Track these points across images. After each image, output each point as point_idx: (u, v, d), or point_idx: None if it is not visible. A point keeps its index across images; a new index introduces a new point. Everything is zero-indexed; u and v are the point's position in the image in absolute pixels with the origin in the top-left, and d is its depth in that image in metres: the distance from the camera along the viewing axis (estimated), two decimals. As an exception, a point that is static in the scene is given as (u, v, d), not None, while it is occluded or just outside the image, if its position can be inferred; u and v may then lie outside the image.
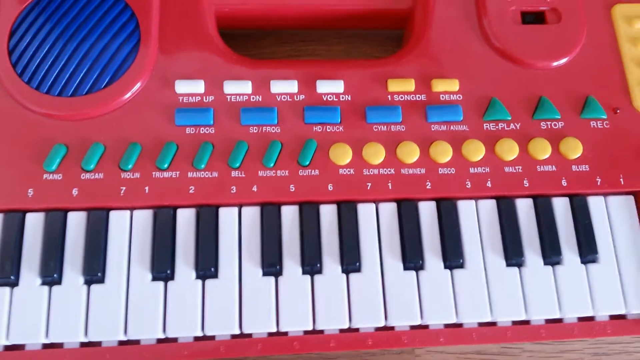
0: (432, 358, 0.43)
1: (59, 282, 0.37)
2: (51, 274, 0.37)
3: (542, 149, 0.42)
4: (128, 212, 0.39)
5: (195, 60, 0.43)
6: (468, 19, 0.46)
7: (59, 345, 0.37)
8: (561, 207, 0.41)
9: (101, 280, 0.38)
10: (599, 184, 0.42)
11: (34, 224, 0.38)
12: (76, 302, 0.37)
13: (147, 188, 0.39)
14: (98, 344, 0.37)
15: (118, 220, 0.39)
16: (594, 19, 0.46)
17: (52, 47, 0.42)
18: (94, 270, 0.37)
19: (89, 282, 0.38)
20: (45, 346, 0.37)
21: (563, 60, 0.45)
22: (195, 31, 0.44)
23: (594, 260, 0.40)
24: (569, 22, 0.46)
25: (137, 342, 0.37)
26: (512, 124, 0.43)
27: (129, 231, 0.39)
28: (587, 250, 0.40)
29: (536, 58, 0.44)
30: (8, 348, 0.37)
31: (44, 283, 0.37)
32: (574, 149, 0.42)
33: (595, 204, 0.42)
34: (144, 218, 0.39)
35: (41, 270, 0.37)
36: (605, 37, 0.46)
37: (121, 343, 0.37)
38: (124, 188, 0.39)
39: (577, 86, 0.44)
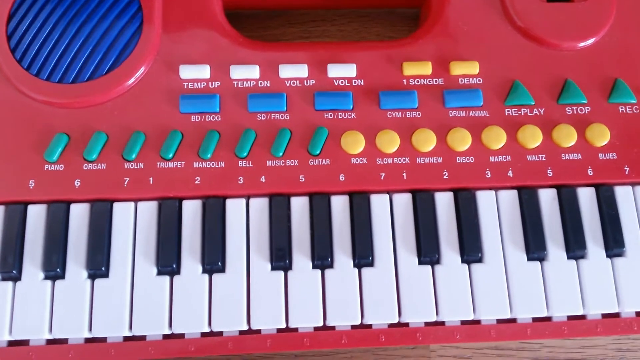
0: (447, 352, 0.42)
1: (62, 276, 0.37)
2: (54, 268, 0.36)
3: (567, 136, 0.40)
4: (132, 203, 0.38)
5: (201, 43, 0.41)
6: (489, -3, 0.44)
7: (64, 341, 0.36)
8: (586, 198, 0.40)
9: (105, 275, 0.37)
10: (627, 173, 0.40)
11: (36, 216, 0.37)
12: (80, 297, 0.36)
13: (151, 179, 0.38)
14: (103, 339, 0.37)
15: (122, 212, 0.38)
16: (624, -4, 0.44)
17: (52, 30, 0.40)
18: (98, 264, 0.36)
19: (92, 277, 0.37)
20: (50, 342, 0.36)
21: (590, 41, 0.42)
22: (201, 12, 0.42)
23: (620, 254, 0.39)
24: (596, 0, 0.43)
25: (142, 337, 0.37)
26: (535, 109, 0.41)
27: (133, 224, 0.38)
28: (613, 243, 0.39)
29: (561, 38, 0.42)
30: (12, 344, 0.36)
31: (46, 277, 0.37)
32: (600, 135, 0.40)
33: (623, 194, 0.40)
34: (148, 210, 0.38)
35: (44, 265, 0.36)
36: (635, 16, 0.44)
37: (126, 339, 0.37)
38: (128, 179, 0.38)
39: (604, 68, 0.42)
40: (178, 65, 0.41)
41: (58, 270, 0.36)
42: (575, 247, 0.38)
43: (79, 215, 0.38)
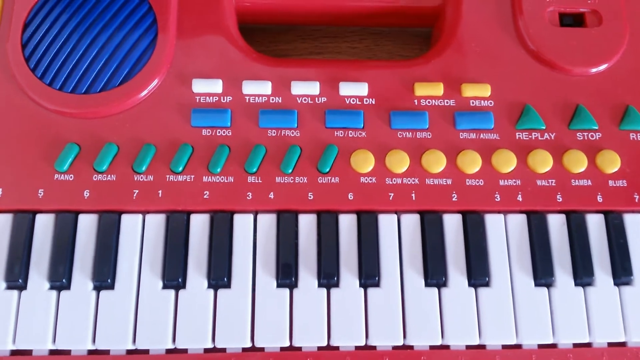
0: (450, 375, 0.41)
1: (67, 287, 0.36)
2: (60, 279, 0.36)
3: (577, 162, 0.40)
4: (140, 216, 0.38)
5: (214, 57, 0.41)
6: (502, 20, 0.44)
7: (66, 352, 0.36)
8: (595, 225, 0.39)
9: (111, 287, 0.37)
10: (637, 200, 0.40)
11: (44, 225, 0.37)
12: (84, 308, 0.36)
13: (160, 192, 0.38)
14: (106, 352, 0.36)
15: (130, 225, 0.38)
16: (637, 23, 0.44)
17: (66, 41, 0.40)
18: (104, 275, 0.36)
19: (98, 288, 0.37)
20: (52, 352, 0.36)
21: (603, 67, 0.42)
22: (215, 26, 0.42)
23: (628, 283, 0.38)
24: (610, 26, 0.43)
25: (145, 351, 0.36)
26: (546, 134, 0.41)
27: (140, 236, 0.38)
28: (621, 271, 0.38)
29: (574, 63, 0.42)
30: (14, 353, 0.36)
31: (52, 287, 0.36)
32: (611, 162, 0.40)
33: (632, 222, 0.39)
34: (156, 223, 0.38)
35: (50, 275, 0.36)
36: (649, 42, 0.43)
37: (129, 352, 0.36)
38: (137, 191, 0.38)
39: (616, 94, 0.42)
40: (191, 79, 0.40)
41: (64, 280, 0.36)
42: (583, 274, 0.38)
43: (87, 226, 0.37)
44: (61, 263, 0.36)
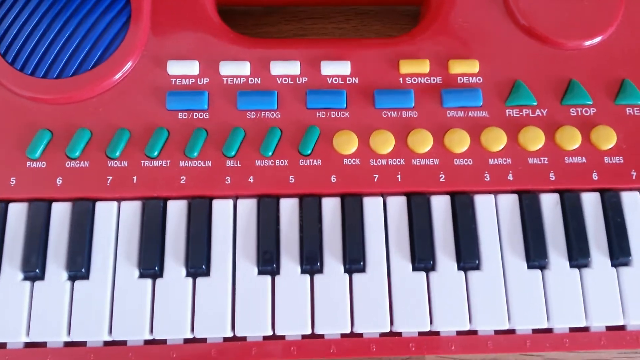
0: (443, 363, 0.40)
1: (41, 277, 0.35)
2: (33, 269, 0.35)
3: (570, 138, 0.38)
4: (115, 203, 0.37)
5: (190, 38, 0.40)
6: (491, -7, 0.42)
7: (42, 345, 0.35)
8: (591, 204, 0.38)
9: (85, 277, 0.36)
10: (634, 178, 0.38)
11: (16, 214, 0.36)
12: (59, 299, 0.35)
13: (135, 178, 0.37)
14: (83, 344, 0.35)
15: (104, 212, 0.37)
16: (633, -7, 0.42)
17: (37, 24, 0.39)
18: (78, 265, 0.35)
19: (72, 278, 0.36)
20: (28, 345, 0.35)
21: (597, 39, 0.41)
22: (191, 7, 0.41)
23: (626, 263, 0.37)
24: (604, -3, 0.41)
25: (123, 342, 0.35)
26: (537, 110, 0.39)
27: (115, 224, 0.37)
28: (619, 251, 0.37)
29: (567, 37, 0.41)
30: (-12, 347, 0.35)
31: (25, 278, 0.36)
32: (606, 138, 0.39)
33: (629, 200, 0.38)
34: (131, 210, 0.37)
35: (23, 265, 0.35)
36: (645, 13, 0.42)
37: (107, 343, 0.35)
38: (111, 177, 0.37)
39: (612, 68, 0.40)
40: (166, 61, 0.39)
41: (37, 271, 0.35)
42: (578, 255, 0.37)
43: (60, 215, 0.36)
44: (34, 253, 0.35)
